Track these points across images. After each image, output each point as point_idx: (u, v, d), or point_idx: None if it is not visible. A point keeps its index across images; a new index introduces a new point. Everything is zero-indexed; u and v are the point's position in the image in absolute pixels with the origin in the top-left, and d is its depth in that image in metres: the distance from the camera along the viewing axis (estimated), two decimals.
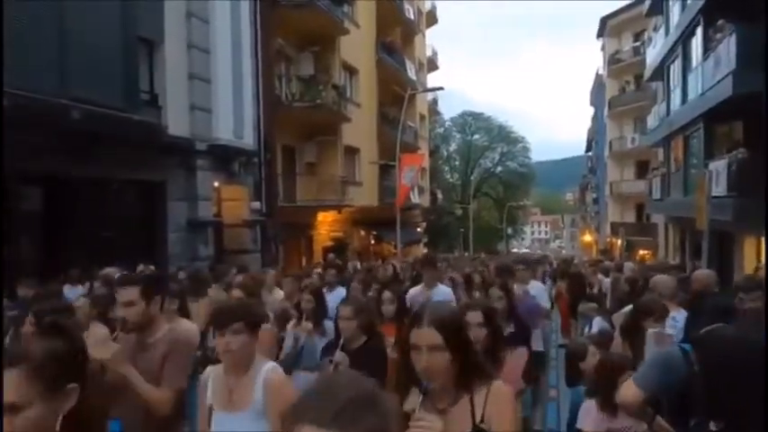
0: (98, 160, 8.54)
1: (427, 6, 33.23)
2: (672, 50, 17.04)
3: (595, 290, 9.70)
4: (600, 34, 35.47)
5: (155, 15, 10.04)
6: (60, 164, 8.04)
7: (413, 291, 5.14)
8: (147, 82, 10.15)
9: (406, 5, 25.66)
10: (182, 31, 10.86)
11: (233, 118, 12.24)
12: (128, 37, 8.89)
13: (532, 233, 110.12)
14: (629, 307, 4.66)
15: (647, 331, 2.77)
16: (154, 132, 9.54)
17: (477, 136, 53.16)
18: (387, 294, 4.42)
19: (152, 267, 8.87)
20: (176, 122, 10.54)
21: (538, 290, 5.86)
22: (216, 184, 11.91)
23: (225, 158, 12.00)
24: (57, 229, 8.82)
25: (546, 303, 5.80)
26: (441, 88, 22.06)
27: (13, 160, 6.43)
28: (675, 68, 17.02)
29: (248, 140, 12.83)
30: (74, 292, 6.79)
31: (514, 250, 61.60)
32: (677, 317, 3.64)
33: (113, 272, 6.40)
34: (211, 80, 11.53)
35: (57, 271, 7.57)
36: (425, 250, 29.72)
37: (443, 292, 5.05)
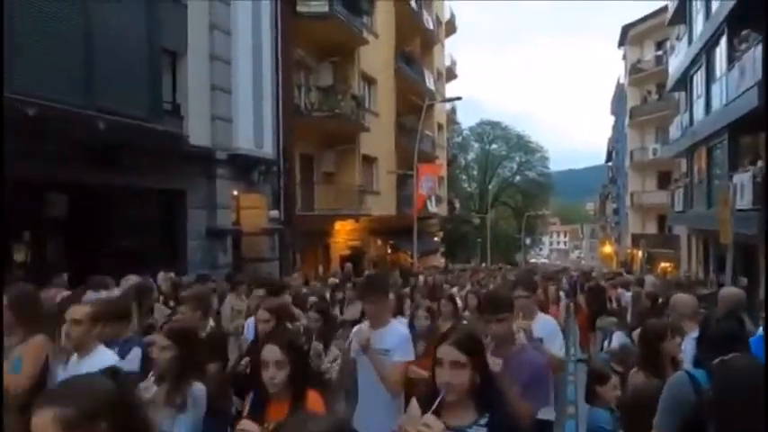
0: (122, 169, 8.73)
1: (446, 16, 33.32)
2: (695, 60, 16.79)
3: (614, 304, 9.54)
4: (621, 43, 35.13)
5: (178, 27, 10.27)
6: (85, 172, 8.24)
7: (358, 327, 3.64)
8: (169, 92, 10.36)
9: (426, 15, 25.77)
10: (204, 43, 11.08)
11: (253, 127, 12.40)
12: (152, 49, 9.09)
13: (551, 243, 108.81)
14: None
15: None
16: (176, 142, 9.71)
17: (495, 145, 52.92)
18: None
19: (172, 275, 9.03)
20: (198, 132, 10.73)
21: (547, 330, 3.81)
22: (235, 192, 12.06)
23: (244, 167, 12.16)
24: (81, 236, 9.02)
25: (559, 348, 3.77)
26: (459, 98, 22.10)
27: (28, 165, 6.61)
28: (699, 78, 16.75)
29: (268, 149, 12.98)
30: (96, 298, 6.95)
31: (533, 261, 60.98)
32: None
33: (135, 280, 6.52)
34: (232, 91, 11.72)
35: (82, 277, 7.73)
36: (443, 260, 29.61)
37: (397, 334, 3.38)
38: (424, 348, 4.06)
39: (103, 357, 3.08)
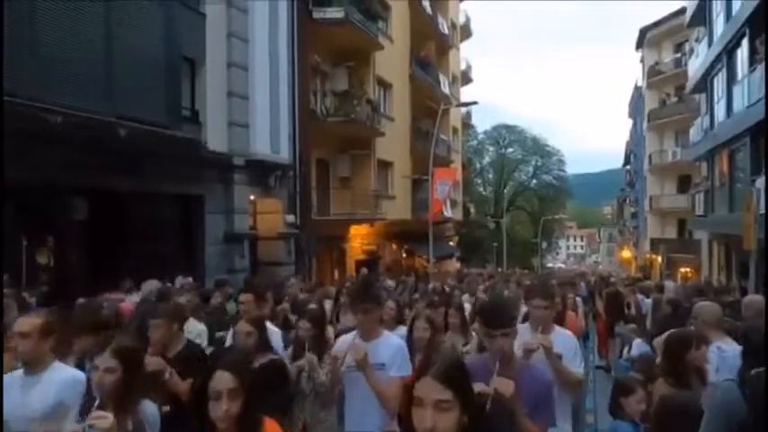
0: (141, 174, 8.87)
1: (461, 20, 33.29)
2: (716, 62, 16.53)
3: (633, 310, 9.39)
4: (639, 45, 34.72)
5: (197, 35, 10.43)
6: (107, 178, 8.39)
7: (343, 338, 3.34)
8: (188, 99, 10.52)
9: (441, 20, 25.78)
10: (222, 51, 11.23)
11: (269, 133, 12.52)
12: (172, 57, 9.25)
13: (568, 247, 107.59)
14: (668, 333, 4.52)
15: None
16: (194, 148, 9.85)
17: (510, 149, 52.60)
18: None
19: (190, 279, 9.14)
20: (215, 138, 10.87)
21: (567, 345, 3.34)
22: (252, 197, 12.17)
23: (261, 172, 12.27)
24: (102, 240, 9.18)
25: (578, 366, 3.32)
26: (474, 103, 22.02)
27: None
28: (720, 80, 16.48)
29: (284, 155, 13.08)
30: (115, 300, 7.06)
31: (549, 265, 60.33)
32: (724, 347, 3.49)
33: (154, 284, 6.62)
34: (249, 97, 11.85)
35: (102, 281, 7.87)
36: (458, 264, 29.48)
37: (392, 347, 3.12)
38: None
39: (59, 374, 2.78)
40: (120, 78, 8.12)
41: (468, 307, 6.56)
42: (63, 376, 2.79)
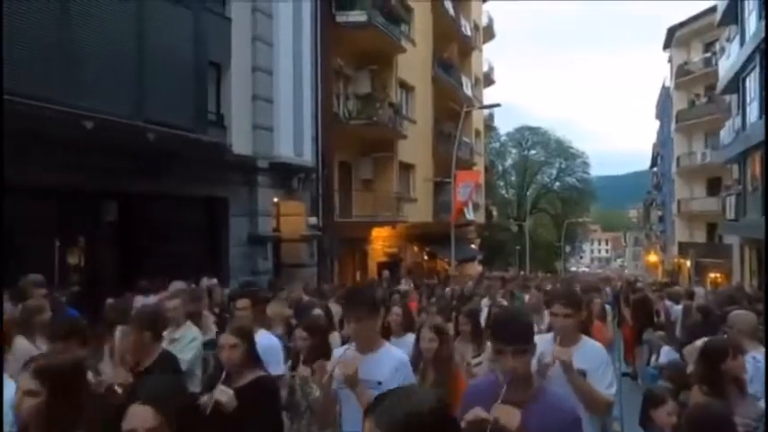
0: (168, 177, 9.05)
1: (484, 22, 33.09)
2: (748, 61, 16.07)
3: (662, 317, 9.17)
4: (667, 45, 33.99)
5: (223, 40, 10.59)
6: (135, 180, 8.59)
7: (337, 352, 2.96)
8: (214, 103, 10.69)
9: (463, 21, 25.67)
10: (247, 55, 11.38)
11: (293, 136, 12.64)
12: (199, 62, 9.42)
13: (592, 251, 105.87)
14: (704, 341, 4.39)
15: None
16: (220, 151, 10.00)
17: (533, 151, 52.04)
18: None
19: (215, 280, 9.27)
20: (240, 141, 11.02)
21: (594, 359, 2.89)
22: (275, 199, 12.30)
23: (285, 175, 12.39)
24: (130, 242, 9.40)
25: (608, 386, 2.81)
26: (498, 105, 21.89)
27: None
28: (752, 80, 16.02)
29: (307, 157, 13.19)
30: (144, 302, 7.21)
31: (572, 269, 59.44)
32: (758, 356, 3.38)
33: (181, 286, 6.72)
34: (273, 100, 11.98)
35: (130, 281, 8.05)
36: (480, 268, 29.25)
37: (391, 362, 2.73)
38: (433, 378, 3.25)
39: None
40: (149, 83, 8.30)
41: (485, 312, 6.39)
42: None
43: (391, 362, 2.69)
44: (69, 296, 6.95)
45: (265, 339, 3.67)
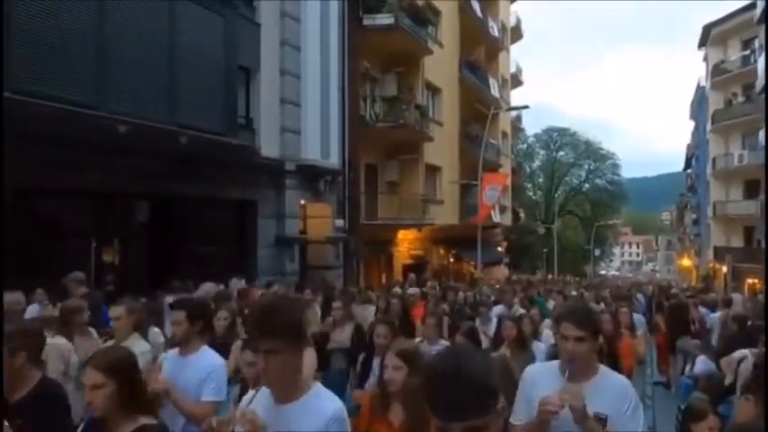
0: (199, 180, 9.24)
1: (512, 22, 32.74)
2: None
3: (697, 324, 8.89)
4: (702, 43, 33.01)
5: (252, 45, 10.76)
6: (167, 183, 8.80)
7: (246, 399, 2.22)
8: (243, 107, 10.86)
9: (491, 22, 25.46)
10: (275, 59, 11.53)
11: (320, 139, 12.74)
12: (229, 66, 9.58)
13: (622, 254, 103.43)
14: (742, 352, 4.24)
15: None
16: (249, 154, 10.16)
17: (562, 152, 51.22)
18: None
19: (243, 281, 9.43)
20: (268, 144, 11.17)
21: (618, 398, 2.26)
22: (302, 202, 12.41)
23: (311, 177, 12.49)
24: (162, 243, 9.63)
25: (636, 427, 2.21)
26: (526, 107, 21.60)
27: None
28: None
29: (334, 160, 13.27)
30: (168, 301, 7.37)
31: (602, 272, 58.19)
32: None
33: (210, 287, 6.86)
34: (301, 104, 12.11)
35: (162, 281, 8.25)
36: (506, 271, 28.93)
37: (319, 417, 1.91)
38: (404, 420, 2.56)
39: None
40: (181, 88, 8.48)
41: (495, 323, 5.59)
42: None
43: (319, 416, 1.87)
44: (105, 295, 7.16)
45: (207, 359, 3.16)
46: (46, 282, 5.86)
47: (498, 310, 7.56)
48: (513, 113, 34.05)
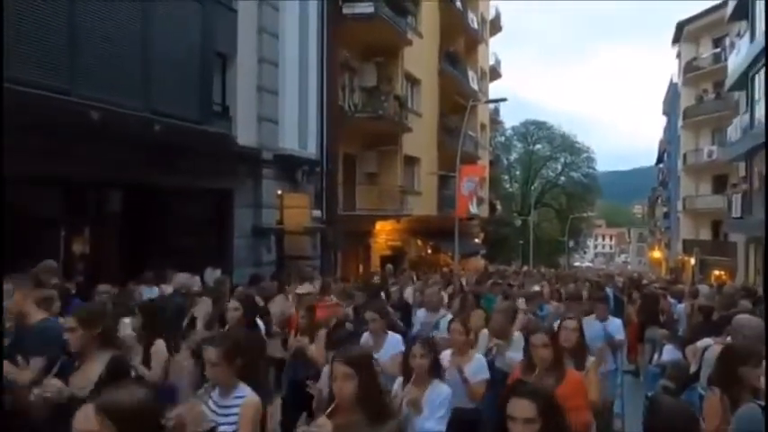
0: (174, 169, 9.05)
1: (491, 15, 32.84)
2: (758, 58, 15.90)
3: (665, 315, 9.14)
4: (676, 40, 33.64)
5: (229, 31, 10.53)
6: (140, 172, 8.59)
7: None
8: (219, 94, 10.66)
9: (470, 14, 25.48)
10: (253, 46, 11.32)
11: (298, 128, 12.61)
12: (205, 53, 9.38)
13: (596, 246, 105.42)
14: (706, 341, 4.38)
15: None
16: (225, 143, 9.99)
17: (539, 145, 51.85)
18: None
19: (218, 272, 9.32)
20: (245, 133, 10.99)
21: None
22: (279, 192, 12.30)
23: (289, 167, 12.37)
24: (135, 233, 9.43)
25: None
26: (504, 99, 21.68)
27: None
28: (761, 77, 15.85)
29: (311, 150, 13.17)
30: (149, 293, 7.26)
31: (576, 264, 59.31)
32: None
33: (185, 278, 6.76)
34: (279, 92, 11.94)
35: (135, 272, 8.09)
36: (483, 262, 29.25)
37: None
38: None
39: None
40: (155, 74, 8.27)
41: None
42: None
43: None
44: (74, 286, 6.99)
45: None
46: (13, 271, 5.68)
47: (421, 315, 6.19)
48: (492, 106, 34.26)
